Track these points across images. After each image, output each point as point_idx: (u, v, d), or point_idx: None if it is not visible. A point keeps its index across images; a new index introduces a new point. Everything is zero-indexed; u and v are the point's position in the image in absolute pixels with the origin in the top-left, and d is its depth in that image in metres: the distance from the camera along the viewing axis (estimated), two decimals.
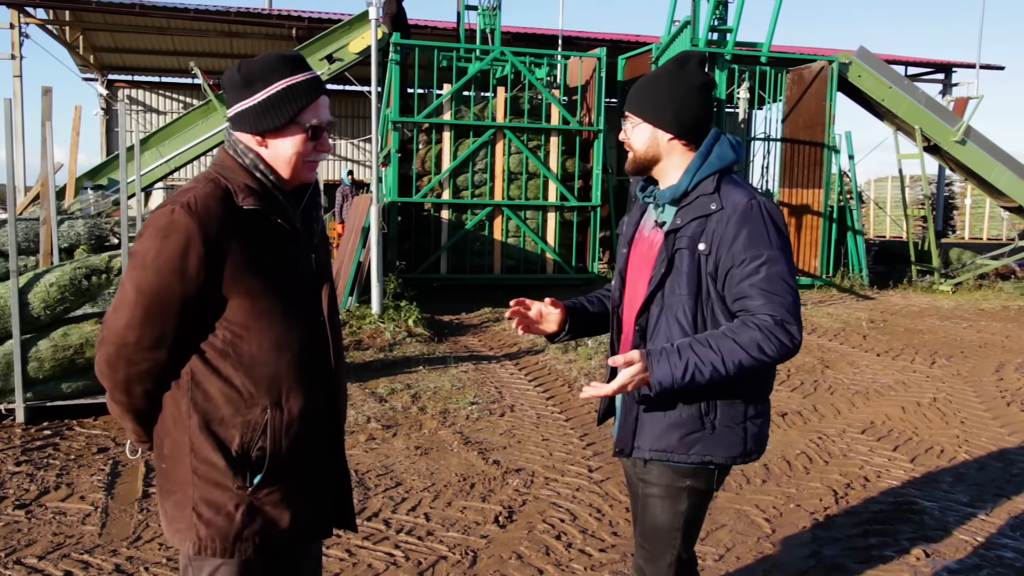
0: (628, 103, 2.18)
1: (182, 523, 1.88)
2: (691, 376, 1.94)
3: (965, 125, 13.72)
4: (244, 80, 1.83)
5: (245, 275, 1.78)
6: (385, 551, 3.62)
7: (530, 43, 17.32)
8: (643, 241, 2.22)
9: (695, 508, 2.18)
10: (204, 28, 17.22)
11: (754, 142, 15.44)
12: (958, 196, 27.07)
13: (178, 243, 1.72)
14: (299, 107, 1.83)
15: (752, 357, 1.95)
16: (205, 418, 1.83)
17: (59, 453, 4.85)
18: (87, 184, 11.91)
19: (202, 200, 1.75)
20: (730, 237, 2.01)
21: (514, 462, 4.83)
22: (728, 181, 2.10)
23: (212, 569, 1.89)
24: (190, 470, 1.85)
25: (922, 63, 20.58)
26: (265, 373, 1.84)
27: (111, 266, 5.65)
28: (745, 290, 1.99)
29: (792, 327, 1.97)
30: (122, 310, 1.78)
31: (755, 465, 4.84)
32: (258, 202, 1.80)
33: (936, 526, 3.98)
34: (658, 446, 2.10)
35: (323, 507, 2.01)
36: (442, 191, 11.90)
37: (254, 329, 1.82)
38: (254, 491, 1.85)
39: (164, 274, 1.73)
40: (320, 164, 1.96)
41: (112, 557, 3.52)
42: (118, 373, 1.82)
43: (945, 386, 6.94)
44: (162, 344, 1.79)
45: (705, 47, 13.04)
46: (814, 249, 13.53)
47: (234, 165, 1.85)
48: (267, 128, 1.83)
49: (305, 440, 1.91)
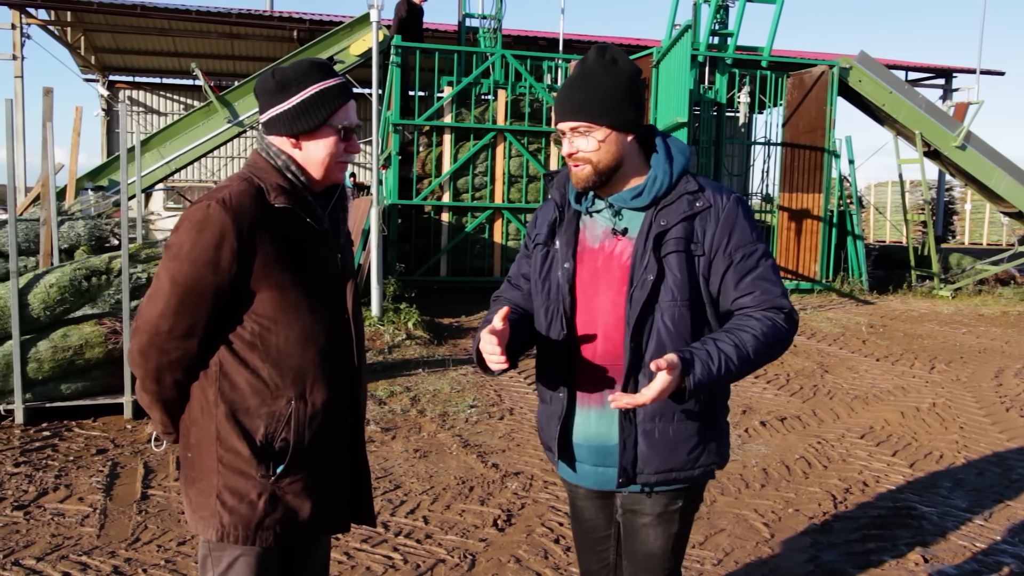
0: (575, 112, 1.95)
1: (206, 511, 1.94)
2: (724, 372, 1.87)
3: (965, 130, 13.72)
4: (279, 85, 1.92)
5: (275, 270, 1.87)
6: (383, 554, 3.62)
7: (531, 47, 17.32)
8: (595, 253, 2.02)
9: (687, 525, 2.13)
10: (205, 29, 17.22)
11: (755, 146, 15.44)
12: (958, 201, 27.10)
13: (213, 236, 1.81)
14: (331, 110, 1.92)
15: (768, 348, 1.93)
16: (232, 408, 1.90)
17: (58, 454, 4.85)
18: (88, 185, 11.91)
19: (236, 197, 1.85)
20: (724, 237, 1.96)
21: (513, 465, 4.83)
22: (698, 177, 2.03)
23: (232, 559, 1.95)
24: (215, 458, 1.92)
25: (923, 68, 20.58)
26: (291, 365, 1.91)
27: (111, 267, 5.65)
28: (743, 288, 1.96)
29: (795, 315, 1.99)
30: (157, 299, 1.86)
31: (754, 470, 4.84)
32: (289, 201, 1.89)
33: (935, 531, 3.98)
34: (664, 467, 1.99)
35: (342, 500, 2.06)
36: (442, 194, 11.91)
37: (282, 322, 1.89)
38: (277, 480, 1.92)
39: (198, 266, 1.82)
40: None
41: (110, 559, 3.51)
42: (150, 361, 1.89)
43: (944, 391, 6.94)
44: (193, 334, 1.87)
45: (706, 51, 13.07)
46: (814, 254, 13.53)
47: (267, 166, 1.94)
48: (302, 130, 1.92)
49: (327, 433, 1.97)
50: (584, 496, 2.21)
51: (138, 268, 6.85)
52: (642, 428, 1.99)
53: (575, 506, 2.26)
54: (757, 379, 7.28)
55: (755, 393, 6.77)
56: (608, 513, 2.19)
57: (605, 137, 1.94)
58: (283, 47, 17.44)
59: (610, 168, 1.97)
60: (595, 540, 2.24)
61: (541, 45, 17.64)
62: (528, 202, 12.08)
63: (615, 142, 1.96)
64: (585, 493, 2.20)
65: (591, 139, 1.94)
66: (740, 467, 4.89)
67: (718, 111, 13.81)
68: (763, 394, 6.74)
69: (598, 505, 2.20)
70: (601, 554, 2.24)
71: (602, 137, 1.94)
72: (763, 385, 7.05)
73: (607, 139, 1.95)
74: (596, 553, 2.24)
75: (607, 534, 2.21)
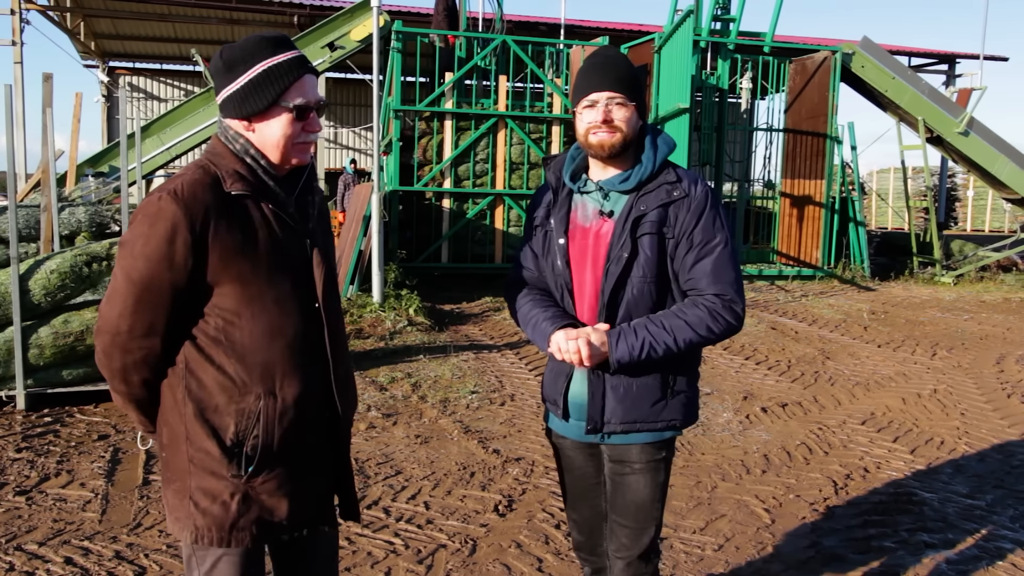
0: (616, 83, 2.14)
1: (181, 512, 1.87)
2: (646, 354, 2.10)
3: (968, 116, 13.67)
4: (226, 65, 1.82)
5: (234, 261, 1.77)
6: (385, 539, 3.63)
7: (532, 32, 17.26)
8: (585, 231, 2.22)
9: (668, 475, 2.31)
10: (205, 15, 17.17)
11: (757, 132, 15.39)
12: (960, 188, 27.05)
13: (165, 230, 1.72)
14: (282, 88, 1.81)
15: (700, 335, 2.12)
16: (200, 406, 1.82)
17: (59, 440, 4.86)
18: (88, 171, 11.89)
19: (189, 187, 1.75)
20: (691, 223, 2.14)
21: (514, 451, 4.83)
22: (676, 167, 2.22)
23: (215, 559, 1.88)
24: (187, 459, 1.84)
25: (926, 54, 20.51)
26: (258, 360, 1.82)
27: (112, 253, 5.64)
28: (697, 272, 2.14)
29: (737, 305, 2.14)
30: (114, 299, 1.79)
31: (755, 456, 4.85)
32: (246, 187, 1.80)
33: (935, 517, 3.98)
34: (629, 418, 2.19)
35: (322, 496, 1.99)
36: (443, 180, 11.88)
37: (245, 315, 1.81)
38: (248, 479, 1.84)
39: (153, 262, 1.74)
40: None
41: (112, 544, 3.52)
42: (114, 362, 1.83)
43: (946, 378, 6.94)
44: (154, 332, 1.79)
45: (708, 36, 13.00)
46: (816, 240, 13.51)
47: (224, 151, 1.85)
48: (251, 112, 1.82)
49: (301, 428, 1.89)
50: (571, 447, 2.38)
51: None
52: (609, 383, 2.20)
53: (565, 457, 2.41)
54: (759, 365, 7.28)
55: (756, 379, 6.77)
56: (597, 463, 2.36)
57: (632, 115, 2.16)
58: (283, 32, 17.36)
59: (630, 143, 2.17)
60: (587, 487, 2.40)
61: (542, 31, 17.58)
62: (530, 188, 12.06)
63: (637, 122, 2.18)
64: (572, 444, 2.37)
65: (626, 111, 2.15)
66: (741, 453, 4.89)
67: (720, 97, 13.75)
68: (764, 380, 6.74)
69: (586, 454, 2.37)
70: (593, 500, 2.40)
71: (631, 113, 2.16)
72: (764, 371, 7.05)
73: (633, 116, 2.16)
74: (588, 499, 2.41)
75: (597, 481, 2.38)
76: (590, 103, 2.15)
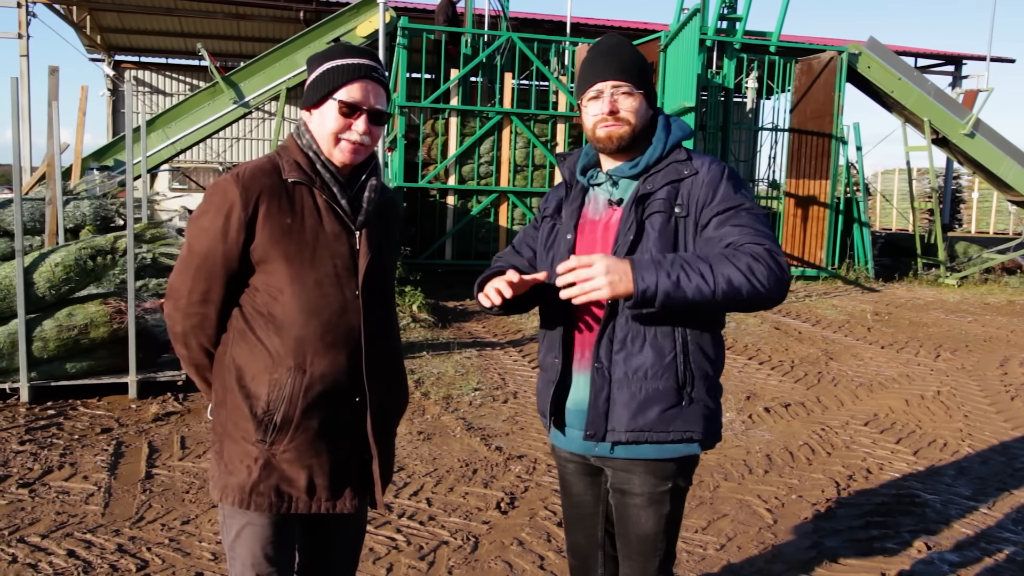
0: (621, 71, 2.03)
1: (217, 472, 2.02)
2: (677, 283, 1.80)
3: (974, 118, 13.64)
4: (309, 63, 2.06)
5: (282, 241, 1.93)
6: (387, 535, 3.63)
7: (538, 29, 17.23)
8: (594, 224, 2.08)
9: (678, 506, 2.10)
10: (211, 9, 17.16)
11: (762, 132, 15.37)
12: (965, 190, 27.01)
13: (223, 207, 1.92)
14: (337, 84, 1.98)
15: (741, 274, 1.82)
16: (240, 373, 1.97)
17: (63, 433, 4.87)
18: (93, 165, 11.89)
19: (250, 171, 1.96)
20: (708, 196, 1.96)
21: (516, 448, 4.83)
22: (689, 149, 2.09)
23: (239, 527, 2.01)
24: (225, 422, 2.00)
25: (932, 55, 20.45)
26: (293, 335, 1.95)
27: (116, 247, 5.65)
28: (730, 232, 1.91)
29: (782, 259, 1.87)
30: (179, 266, 2.00)
31: (758, 456, 4.84)
32: (301, 176, 1.98)
33: (938, 519, 3.98)
34: (635, 426, 1.96)
35: (347, 478, 2.05)
36: (448, 177, 11.88)
37: (287, 293, 1.95)
38: (271, 446, 1.96)
39: (210, 234, 1.93)
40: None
41: (115, 537, 3.53)
42: (176, 325, 2.02)
43: (949, 380, 6.93)
44: (209, 300, 1.97)
45: (714, 35, 12.97)
46: (820, 240, 13.49)
47: (292, 145, 2.04)
48: (310, 102, 2.02)
49: (325, 405, 1.98)
50: (573, 472, 2.22)
51: (143, 248, 6.85)
52: (616, 384, 1.98)
53: (564, 480, 2.27)
54: (762, 365, 7.27)
55: (759, 379, 6.76)
56: (596, 491, 2.20)
57: (640, 104, 2.04)
58: (289, 28, 17.36)
59: (639, 133, 2.04)
60: (584, 515, 2.25)
61: (547, 28, 17.55)
62: (534, 186, 12.05)
63: (646, 111, 2.06)
64: (574, 468, 2.21)
65: (633, 100, 2.03)
66: (744, 453, 4.89)
67: (726, 96, 13.73)
68: (767, 380, 6.74)
69: (587, 482, 2.21)
70: (589, 529, 2.25)
71: (639, 103, 2.04)
72: (767, 371, 7.05)
73: (641, 105, 2.05)
74: (584, 528, 2.26)
75: (595, 511, 2.23)
76: (595, 94, 2.04)
